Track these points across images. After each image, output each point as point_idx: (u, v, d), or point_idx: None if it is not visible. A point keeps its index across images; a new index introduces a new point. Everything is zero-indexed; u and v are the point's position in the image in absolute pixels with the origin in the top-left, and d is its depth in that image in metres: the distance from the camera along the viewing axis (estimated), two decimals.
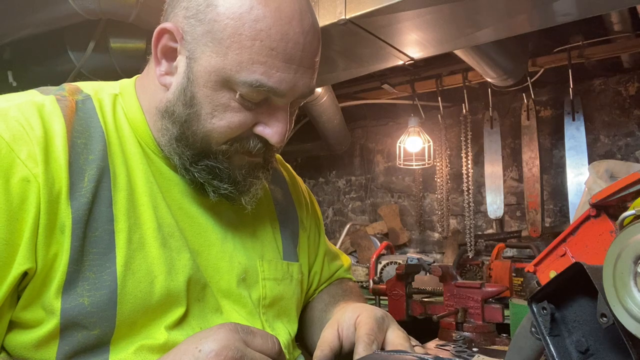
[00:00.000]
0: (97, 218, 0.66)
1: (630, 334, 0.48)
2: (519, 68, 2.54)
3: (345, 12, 1.55)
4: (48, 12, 1.66)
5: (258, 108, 0.71)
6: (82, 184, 0.66)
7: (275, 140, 0.72)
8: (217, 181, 0.74)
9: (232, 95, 0.69)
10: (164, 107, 0.73)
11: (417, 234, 3.36)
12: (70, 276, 0.63)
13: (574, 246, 0.93)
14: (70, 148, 0.66)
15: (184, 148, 0.73)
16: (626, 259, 0.49)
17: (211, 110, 0.70)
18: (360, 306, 0.79)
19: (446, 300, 1.42)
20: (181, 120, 0.72)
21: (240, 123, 0.70)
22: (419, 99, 3.09)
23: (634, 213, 0.56)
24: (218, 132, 0.71)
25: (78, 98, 0.73)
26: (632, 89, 2.70)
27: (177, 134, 0.73)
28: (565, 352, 0.56)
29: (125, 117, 0.76)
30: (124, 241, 0.67)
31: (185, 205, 0.77)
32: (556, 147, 2.87)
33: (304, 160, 3.89)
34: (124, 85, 0.80)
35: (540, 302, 0.57)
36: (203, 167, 0.73)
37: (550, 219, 2.85)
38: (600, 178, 1.62)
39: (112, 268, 0.66)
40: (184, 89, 0.71)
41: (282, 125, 0.72)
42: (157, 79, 0.74)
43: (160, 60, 0.73)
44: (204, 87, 0.69)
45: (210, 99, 0.69)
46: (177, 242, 0.73)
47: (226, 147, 0.72)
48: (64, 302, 0.63)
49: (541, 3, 1.49)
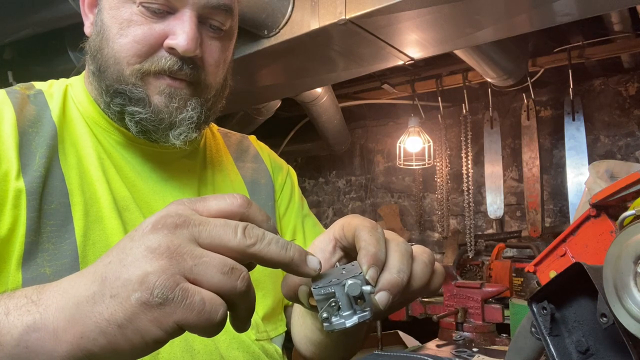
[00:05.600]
0: (52, 192, 0.68)
1: (630, 334, 0.48)
2: (519, 68, 2.54)
3: (345, 12, 1.56)
4: (48, 12, 1.66)
5: (164, 20, 0.71)
6: (33, 162, 0.68)
7: (183, 47, 0.69)
8: (132, 106, 0.71)
9: (134, 8, 0.70)
10: (89, 53, 0.75)
11: (417, 234, 3.36)
12: (29, 247, 0.64)
13: (574, 246, 0.93)
14: (21, 134, 0.69)
15: (101, 80, 0.73)
16: (626, 259, 0.49)
17: (117, 30, 0.70)
18: (333, 224, 0.64)
19: (446, 300, 1.42)
20: (95, 50, 0.73)
21: (145, 34, 0.70)
22: (419, 99, 3.09)
23: (634, 213, 0.56)
24: (125, 50, 0.70)
25: (30, 92, 0.75)
26: (632, 89, 2.71)
27: (94, 68, 0.74)
28: (565, 352, 0.56)
29: (73, 102, 0.78)
30: (80, 213, 0.69)
31: (139, 183, 0.77)
32: (556, 147, 2.87)
33: (304, 160, 3.89)
34: (74, 77, 0.82)
35: (540, 302, 0.57)
36: (114, 92, 0.71)
37: (550, 219, 2.86)
38: (600, 178, 1.62)
39: (72, 239, 0.67)
40: (96, 21, 0.73)
41: (188, 30, 0.69)
42: (86, 32, 0.76)
43: (87, 15, 0.77)
44: (109, 10, 0.71)
45: (115, 19, 0.70)
46: (132, 215, 0.73)
47: (138, 67, 0.70)
48: (24, 273, 0.64)
49: (541, 3, 1.49)
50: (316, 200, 3.82)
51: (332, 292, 0.45)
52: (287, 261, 0.45)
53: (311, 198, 3.82)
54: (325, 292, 0.45)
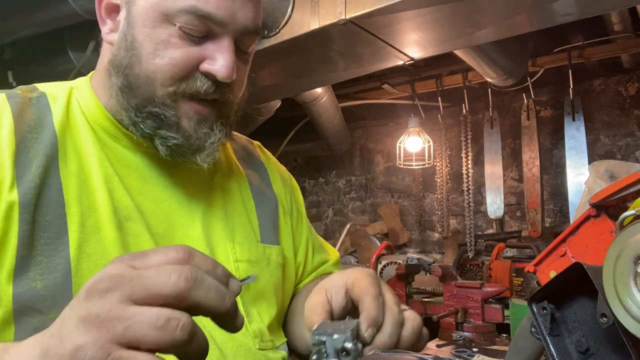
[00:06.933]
0: (47, 203, 0.66)
1: (630, 334, 0.48)
2: (519, 68, 2.54)
3: (345, 12, 1.56)
4: (48, 12, 1.66)
5: (202, 44, 0.70)
6: (29, 171, 0.66)
7: (223, 74, 0.69)
8: (165, 130, 0.70)
9: (172, 29, 0.68)
10: (109, 62, 0.73)
11: (417, 234, 3.36)
12: (21, 261, 0.63)
13: (574, 246, 0.93)
14: (19, 142, 0.67)
15: (129, 97, 0.71)
16: (626, 259, 0.49)
17: (152, 50, 0.68)
18: (346, 270, 0.67)
19: (446, 300, 1.42)
20: (123, 66, 0.70)
21: (183, 58, 0.69)
22: (419, 99, 3.09)
23: (634, 213, 0.56)
24: (162, 72, 0.69)
25: (32, 95, 0.73)
26: (632, 89, 2.71)
27: (120, 84, 0.71)
28: (565, 352, 0.56)
29: (79, 106, 0.76)
30: (76, 225, 0.67)
31: (145, 190, 0.76)
32: (556, 147, 2.87)
33: (304, 160, 3.89)
34: (80, 79, 0.80)
35: (540, 302, 0.57)
36: (147, 114, 0.70)
37: (550, 219, 2.86)
38: (600, 178, 1.62)
39: (65, 252, 0.65)
40: (125, 35, 0.70)
41: (228, 58, 0.69)
42: (104, 39, 0.74)
43: (105, 20, 0.74)
44: (143, 27, 0.69)
45: (150, 38, 0.68)
46: (135, 225, 0.72)
47: (173, 89, 0.70)
48: (15, 286, 0.63)
49: (541, 3, 1.49)
50: (316, 200, 3.82)
51: (323, 341, 0.51)
52: (222, 312, 0.44)
53: (311, 198, 3.82)
54: (318, 339, 0.51)
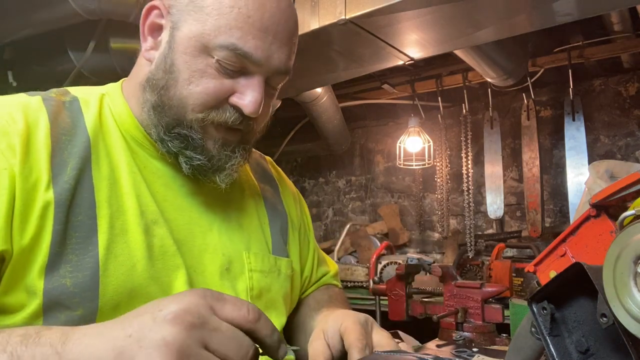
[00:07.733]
0: (80, 203, 0.69)
1: (630, 334, 0.48)
2: (519, 68, 2.54)
3: (345, 12, 1.56)
4: (48, 12, 1.66)
5: (235, 78, 0.74)
6: (64, 172, 0.69)
7: (250, 110, 0.73)
8: (190, 151, 0.75)
9: (210, 61, 0.72)
10: (146, 78, 0.76)
11: (417, 234, 3.36)
12: (53, 258, 0.66)
13: (574, 246, 0.93)
14: (54, 143, 0.70)
15: (161, 116, 0.75)
16: (626, 259, 0.49)
17: (188, 76, 0.72)
18: (342, 313, 0.80)
19: (446, 300, 1.41)
20: (159, 86, 0.74)
21: (216, 89, 0.73)
22: (419, 99, 3.09)
23: (634, 213, 0.56)
24: (194, 98, 0.73)
25: (65, 99, 0.76)
26: (632, 89, 2.71)
27: (154, 102, 0.75)
28: (565, 352, 0.56)
29: (110, 113, 0.79)
30: (106, 226, 0.70)
31: (170, 197, 0.79)
32: (556, 147, 2.87)
33: (304, 160, 3.88)
34: (110, 86, 0.84)
35: (540, 302, 0.57)
36: (176, 134, 0.75)
37: (550, 219, 2.85)
38: (600, 178, 1.62)
39: (94, 251, 0.69)
40: (165, 57, 0.74)
41: (257, 95, 0.74)
42: (143, 55, 0.78)
43: (146, 37, 0.78)
44: (183, 54, 0.73)
45: (188, 65, 0.72)
46: (160, 229, 0.75)
47: (202, 116, 0.74)
48: (46, 282, 0.65)
49: (541, 3, 1.49)
50: (316, 200, 3.82)
51: None
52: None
53: (311, 198, 3.82)
54: None
